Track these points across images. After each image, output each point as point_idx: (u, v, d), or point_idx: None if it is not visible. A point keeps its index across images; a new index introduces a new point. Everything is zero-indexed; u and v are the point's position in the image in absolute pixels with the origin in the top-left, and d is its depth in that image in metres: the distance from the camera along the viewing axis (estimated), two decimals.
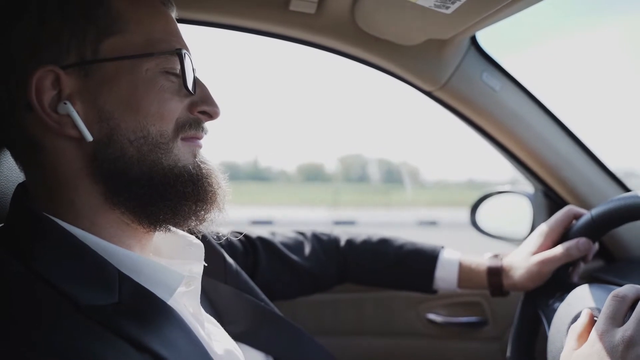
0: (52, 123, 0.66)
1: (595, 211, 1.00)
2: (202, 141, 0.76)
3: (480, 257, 1.18)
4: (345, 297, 1.57)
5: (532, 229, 1.48)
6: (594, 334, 0.73)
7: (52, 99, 0.66)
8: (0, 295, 0.61)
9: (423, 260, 1.20)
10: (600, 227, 1.01)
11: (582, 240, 1.04)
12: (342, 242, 1.23)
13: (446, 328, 1.56)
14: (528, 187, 1.56)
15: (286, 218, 19.34)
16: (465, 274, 1.17)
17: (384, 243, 1.23)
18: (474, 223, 1.64)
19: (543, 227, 1.09)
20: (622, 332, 0.70)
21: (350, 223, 18.69)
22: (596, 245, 1.07)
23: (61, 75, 0.66)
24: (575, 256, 1.04)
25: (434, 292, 1.21)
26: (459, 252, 1.21)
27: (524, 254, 1.09)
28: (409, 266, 1.20)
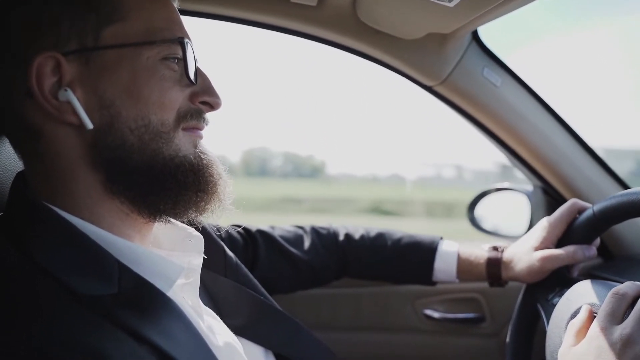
0: (52, 110, 0.66)
1: (597, 207, 0.99)
2: (203, 132, 0.76)
3: (479, 248, 1.18)
4: (342, 292, 1.57)
5: (530, 226, 1.48)
6: (592, 330, 0.73)
7: (53, 85, 0.66)
8: None
9: (422, 252, 1.20)
10: (602, 223, 1.00)
11: (590, 248, 1.04)
12: (341, 236, 1.23)
13: (443, 324, 1.56)
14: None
15: None
16: (464, 265, 1.17)
17: (382, 236, 1.23)
18: (471, 220, 1.64)
19: (547, 221, 1.09)
20: (621, 330, 0.70)
21: None
22: (597, 241, 1.07)
23: (62, 61, 0.65)
24: (580, 261, 1.04)
25: (433, 283, 1.21)
26: (457, 243, 1.22)
27: (527, 248, 1.09)
28: (407, 258, 1.20)
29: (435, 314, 1.56)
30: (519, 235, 1.50)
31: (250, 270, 0.98)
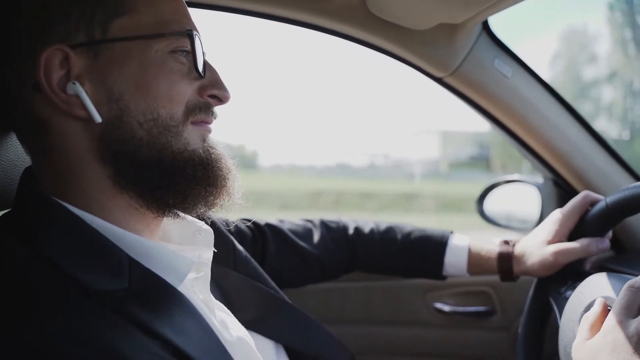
0: (60, 103, 0.65)
1: (610, 199, 0.98)
2: (211, 126, 0.75)
3: (490, 242, 1.17)
4: (352, 286, 1.56)
5: (541, 218, 1.47)
6: (607, 324, 0.72)
7: (61, 78, 0.65)
8: (10, 282, 0.60)
9: (432, 246, 1.19)
10: (615, 215, 0.99)
11: (603, 241, 1.03)
12: (351, 230, 1.22)
13: (453, 317, 1.56)
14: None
15: None
16: (475, 259, 1.16)
17: (392, 230, 1.22)
18: (481, 212, 1.63)
19: (558, 214, 1.08)
20: (637, 324, 0.68)
21: None
22: (610, 234, 1.06)
23: (70, 54, 0.65)
24: (593, 254, 1.03)
25: (444, 278, 1.21)
26: (468, 237, 1.20)
27: (539, 242, 1.08)
28: (418, 252, 1.19)
29: (446, 308, 1.55)
30: (530, 227, 1.49)
31: (260, 264, 0.98)
